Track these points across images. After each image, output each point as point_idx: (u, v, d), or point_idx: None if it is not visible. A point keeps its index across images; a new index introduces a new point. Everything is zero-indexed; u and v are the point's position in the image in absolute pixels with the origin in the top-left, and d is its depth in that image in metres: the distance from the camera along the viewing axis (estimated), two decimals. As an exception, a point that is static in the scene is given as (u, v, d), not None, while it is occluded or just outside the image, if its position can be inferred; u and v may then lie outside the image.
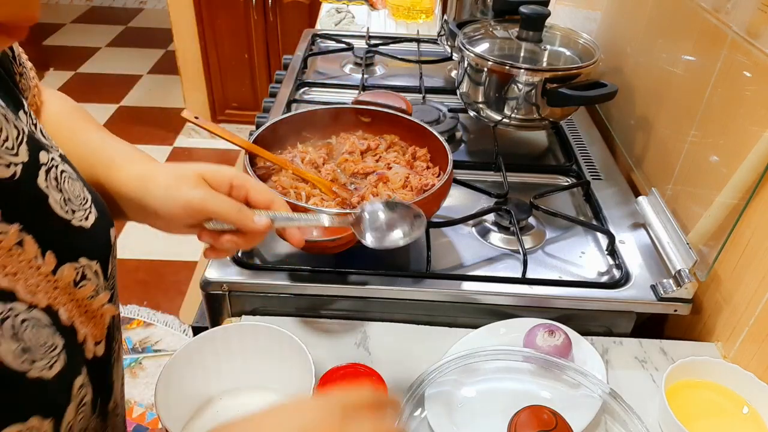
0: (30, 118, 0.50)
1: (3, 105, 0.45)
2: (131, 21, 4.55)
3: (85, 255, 0.48)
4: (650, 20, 1.05)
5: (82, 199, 0.50)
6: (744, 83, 0.75)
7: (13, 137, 0.44)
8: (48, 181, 0.47)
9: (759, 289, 0.70)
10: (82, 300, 0.48)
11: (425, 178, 0.84)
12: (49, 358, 0.42)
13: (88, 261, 0.49)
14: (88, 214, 0.50)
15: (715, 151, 0.80)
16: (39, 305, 0.43)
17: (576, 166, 1.04)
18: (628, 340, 0.79)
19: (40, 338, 0.42)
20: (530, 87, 0.97)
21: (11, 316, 0.40)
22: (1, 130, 0.43)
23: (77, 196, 0.50)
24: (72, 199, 0.49)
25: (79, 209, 0.49)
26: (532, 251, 0.85)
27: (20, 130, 0.46)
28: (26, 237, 0.43)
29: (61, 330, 0.44)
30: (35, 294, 0.43)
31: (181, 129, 3.14)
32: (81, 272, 0.48)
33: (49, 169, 0.47)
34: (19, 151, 0.45)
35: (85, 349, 0.48)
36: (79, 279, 0.48)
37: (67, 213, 0.48)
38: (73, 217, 0.48)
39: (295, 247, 0.62)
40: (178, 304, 2.18)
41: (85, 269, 0.48)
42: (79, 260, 0.48)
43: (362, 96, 0.99)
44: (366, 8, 1.83)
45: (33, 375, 0.40)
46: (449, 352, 0.72)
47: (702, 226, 0.78)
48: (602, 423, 0.66)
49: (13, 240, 0.42)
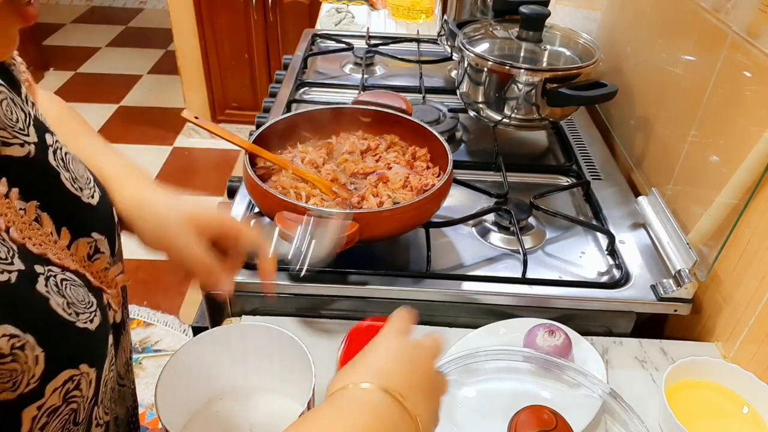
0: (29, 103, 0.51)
1: (10, 89, 0.47)
2: (131, 21, 4.55)
3: (96, 230, 0.51)
4: (650, 20, 1.05)
5: (87, 179, 0.52)
6: (744, 83, 0.75)
7: (22, 119, 0.47)
8: (57, 160, 0.49)
9: (759, 289, 0.70)
10: (98, 272, 0.50)
11: (425, 178, 0.84)
12: (89, 312, 0.46)
13: (99, 236, 0.51)
14: (93, 192, 0.52)
15: (715, 151, 0.80)
16: (70, 268, 0.46)
17: (576, 166, 1.04)
18: (628, 340, 0.79)
19: (78, 295, 0.45)
20: (530, 87, 0.97)
21: (52, 276, 0.43)
22: (12, 112, 0.46)
23: (82, 175, 0.52)
24: (78, 178, 0.51)
25: (85, 187, 0.51)
26: (532, 251, 0.85)
27: (27, 113, 0.48)
28: (42, 214, 0.46)
29: (92, 291, 0.48)
30: (63, 260, 0.46)
31: (181, 129, 3.13)
32: (94, 246, 0.50)
33: (55, 149, 0.49)
34: (29, 132, 0.47)
35: (110, 313, 0.51)
36: (93, 252, 0.50)
37: (77, 190, 0.50)
38: (82, 194, 0.50)
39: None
40: (178, 304, 2.19)
41: (97, 243, 0.51)
42: (91, 235, 0.50)
43: (362, 96, 0.99)
44: (366, 8, 1.83)
45: (80, 325, 0.44)
46: (449, 352, 0.72)
47: (702, 226, 0.78)
48: (602, 423, 0.66)
49: (31, 216, 0.45)
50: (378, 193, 0.81)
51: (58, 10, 4.62)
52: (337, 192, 0.81)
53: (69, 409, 0.43)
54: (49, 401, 0.41)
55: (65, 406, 0.42)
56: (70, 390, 0.43)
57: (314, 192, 0.81)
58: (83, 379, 0.44)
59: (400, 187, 0.83)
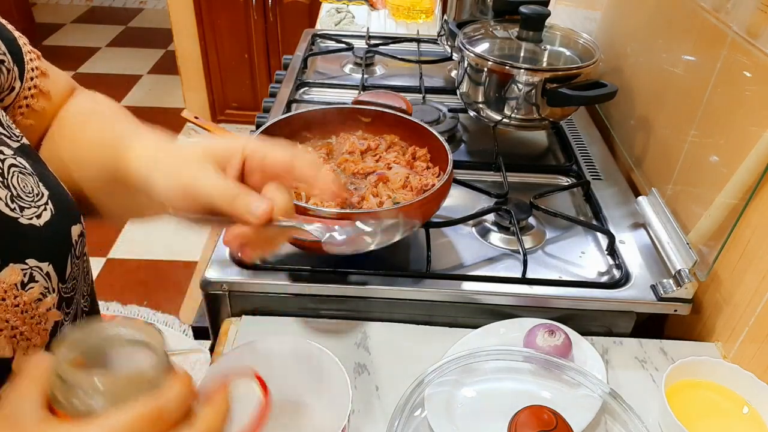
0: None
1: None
2: (131, 21, 4.55)
3: (34, 256, 0.45)
4: (650, 20, 1.05)
5: (35, 195, 0.47)
6: (744, 83, 0.75)
7: None
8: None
9: (759, 289, 0.70)
10: (27, 303, 0.44)
11: (425, 178, 0.84)
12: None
13: (37, 263, 0.45)
14: (41, 212, 0.47)
15: (715, 151, 0.80)
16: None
17: (576, 166, 1.04)
18: (628, 340, 0.79)
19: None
20: (530, 87, 0.97)
21: None
22: None
23: (29, 192, 0.46)
24: (21, 196, 0.46)
25: (29, 206, 0.46)
26: (532, 251, 0.85)
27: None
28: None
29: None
30: None
31: (181, 129, 3.13)
32: (29, 274, 0.45)
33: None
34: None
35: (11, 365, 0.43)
36: (27, 281, 0.44)
37: (14, 211, 0.45)
38: (21, 215, 0.45)
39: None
40: (178, 304, 2.19)
41: (33, 271, 0.45)
42: (26, 261, 0.44)
43: (362, 96, 0.99)
44: (366, 8, 1.83)
45: None
46: (449, 352, 0.72)
47: (702, 226, 0.78)
48: (602, 423, 0.66)
49: None
50: (378, 193, 0.81)
51: (58, 10, 4.62)
52: (337, 192, 0.81)
53: None
54: None
55: None
56: None
57: (314, 192, 0.81)
58: None
59: (400, 187, 0.83)
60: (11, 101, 0.55)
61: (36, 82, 0.58)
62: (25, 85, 0.57)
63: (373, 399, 0.69)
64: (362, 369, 0.72)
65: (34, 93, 0.58)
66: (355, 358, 0.73)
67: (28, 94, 0.57)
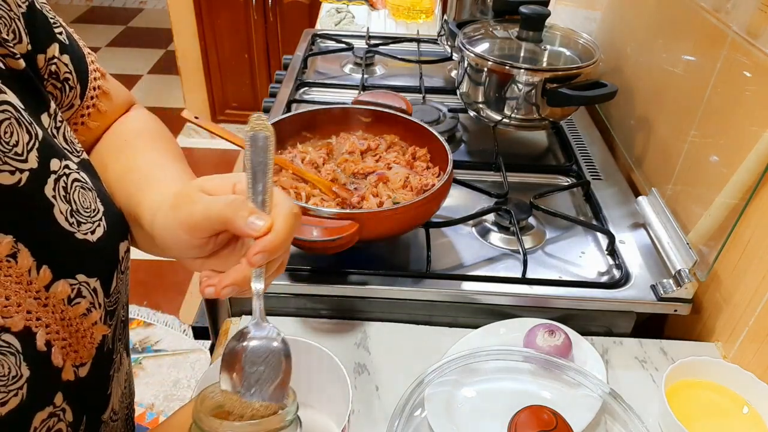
0: (54, 121, 0.49)
1: (20, 108, 0.44)
2: (131, 21, 4.55)
3: (83, 272, 0.46)
4: (650, 20, 1.05)
5: (92, 211, 0.48)
6: (744, 83, 0.75)
7: (24, 142, 0.43)
8: (56, 190, 0.45)
9: (759, 289, 0.70)
10: (73, 318, 0.46)
11: (425, 178, 0.84)
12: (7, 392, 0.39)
13: (86, 278, 0.46)
14: (95, 227, 0.48)
15: (715, 151, 0.80)
16: (12, 328, 0.40)
17: (576, 166, 1.04)
18: (628, 340, 0.79)
19: (2, 369, 0.39)
20: (530, 87, 0.97)
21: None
22: (12, 135, 0.42)
23: (87, 207, 0.48)
24: (80, 211, 0.47)
25: (86, 221, 0.47)
26: (532, 251, 0.85)
27: (33, 134, 0.44)
28: (22, 249, 0.42)
29: (30, 358, 0.41)
30: (11, 315, 0.40)
31: (181, 129, 3.14)
32: (77, 289, 0.46)
33: (59, 177, 0.45)
34: (29, 158, 0.43)
35: (62, 373, 0.45)
36: (74, 296, 0.45)
37: (71, 225, 0.46)
38: (78, 230, 0.46)
39: None
40: (178, 304, 2.19)
41: (81, 286, 0.46)
42: (76, 277, 0.46)
43: (362, 96, 0.99)
44: (366, 8, 1.83)
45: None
46: (449, 352, 0.72)
47: (702, 226, 0.78)
48: (602, 423, 0.66)
49: (4, 251, 0.40)
50: (378, 193, 0.81)
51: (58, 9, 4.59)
52: (337, 192, 0.81)
53: None
54: None
55: None
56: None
57: (314, 192, 0.81)
58: None
59: (400, 187, 0.83)
60: (68, 117, 0.56)
61: (95, 101, 0.58)
62: (84, 104, 0.57)
63: (373, 399, 0.69)
64: (362, 369, 0.72)
65: (91, 112, 0.58)
66: (355, 358, 0.73)
67: (85, 113, 0.57)
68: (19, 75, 0.46)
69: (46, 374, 0.43)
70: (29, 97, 0.46)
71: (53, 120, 0.49)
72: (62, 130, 0.50)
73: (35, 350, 0.41)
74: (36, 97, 0.48)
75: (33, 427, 0.41)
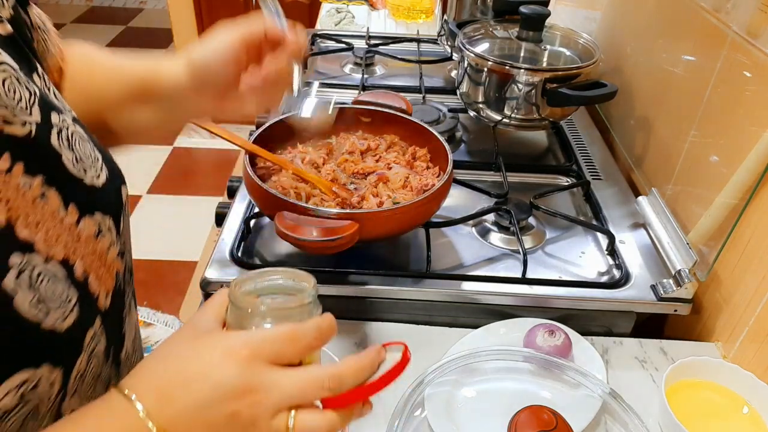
0: (43, 80, 0.52)
1: (16, 68, 0.47)
2: (131, 21, 4.55)
3: (99, 210, 0.51)
4: (650, 20, 1.05)
5: (93, 159, 0.52)
6: (744, 83, 0.75)
7: (26, 98, 0.46)
8: (60, 140, 0.49)
9: (759, 289, 0.70)
10: (102, 252, 0.50)
11: (425, 178, 0.84)
12: (64, 309, 0.44)
13: (102, 216, 0.51)
14: (99, 173, 0.52)
15: (715, 151, 0.80)
16: (56, 257, 0.45)
17: (576, 166, 1.04)
18: (628, 340, 0.79)
19: (56, 290, 0.44)
20: (530, 87, 0.97)
21: (28, 269, 0.42)
22: (15, 92, 0.45)
23: (88, 156, 0.51)
24: (83, 159, 0.50)
25: (90, 168, 0.51)
26: (532, 251, 0.85)
27: (32, 91, 0.48)
28: (49, 190, 0.46)
29: (75, 283, 0.46)
30: (53, 246, 0.45)
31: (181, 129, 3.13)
32: (98, 226, 0.50)
33: (60, 130, 0.49)
34: (32, 111, 0.47)
35: (98, 301, 0.50)
36: (98, 231, 0.50)
37: (79, 172, 0.49)
38: (85, 176, 0.50)
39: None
40: (178, 304, 2.19)
41: (101, 224, 0.51)
42: (95, 214, 0.50)
43: (362, 96, 0.99)
44: (366, 8, 1.83)
45: (47, 326, 0.42)
46: (449, 352, 0.72)
47: (702, 226, 0.78)
48: (602, 423, 0.66)
49: (37, 192, 0.45)
50: (378, 193, 0.81)
51: (58, 10, 4.62)
52: (337, 192, 0.81)
53: (27, 409, 0.42)
54: (2, 402, 0.40)
55: (21, 406, 0.41)
56: (28, 391, 0.41)
57: (314, 192, 0.81)
58: (44, 380, 0.42)
59: (400, 187, 0.83)
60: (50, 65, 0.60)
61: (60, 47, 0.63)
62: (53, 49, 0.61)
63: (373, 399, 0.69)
64: (362, 369, 0.72)
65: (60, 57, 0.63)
66: (355, 358, 0.73)
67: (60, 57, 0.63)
68: (7, 39, 0.50)
69: (88, 300, 0.48)
70: (19, 60, 0.49)
71: (42, 80, 0.52)
72: (51, 90, 0.53)
73: (75, 277, 0.46)
74: (25, 60, 0.51)
75: (86, 343, 0.47)
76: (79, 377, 0.47)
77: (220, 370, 0.40)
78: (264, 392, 0.40)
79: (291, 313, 0.45)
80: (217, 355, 0.41)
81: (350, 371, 0.44)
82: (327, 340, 0.45)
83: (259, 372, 0.41)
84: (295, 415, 0.41)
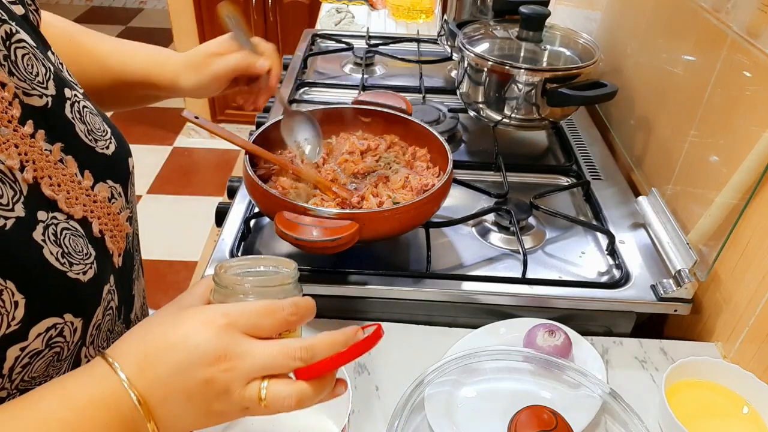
0: (57, 57, 0.56)
1: (33, 45, 0.51)
2: (131, 21, 4.55)
3: (111, 178, 0.56)
4: (650, 20, 1.05)
5: (102, 131, 0.57)
6: (744, 83, 0.75)
7: (42, 73, 0.51)
8: (73, 113, 0.53)
9: (759, 289, 0.70)
10: (114, 215, 0.55)
11: (425, 178, 0.84)
12: (84, 264, 0.48)
13: (113, 183, 0.56)
14: (108, 144, 0.57)
15: (715, 151, 0.80)
16: (75, 216, 0.49)
17: (576, 166, 1.04)
18: (628, 340, 0.79)
19: (77, 246, 0.48)
20: (530, 87, 0.97)
21: (53, 224, 0.46)
22: (33, 67, 0.50)
23: (98, 128, 0.56)
24: (94, 130, 0.55)
25: (100, 139, 0.56)
26: (532, 251, 0.85)
27: (48, 67, 0.52)
28: (66, 156, 0.50)
29: (93, 241, 0.51)
30: (73, 206, 0.49)
31: (181, 129, 3.13)
32: (110, 191, 0.55)
33: (72, 103, 0.54)
34: (48, 86, 0.51)
35: (112, 259, 0.54)
36: (110, 196, 0.55)
37: (91, 141, 0.54)
38: (96, 146, 0.55)
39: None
40: (178, 304, 2.18)
41: (112, 190, 0.55)
42: (107, 181, 0.55)
43: (362, 96, 0.99)
44: (366, 8, 1.83)
45: (71, 276, 0.47)
46: (449, 352, 0.72)
47: (702, 226, 0.78)
48: (602, 423, 0.66)
49: (57, 156, 0.49)
50: (378, 193, 0.81)
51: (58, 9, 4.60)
52: (337, 192, 0.81)
53: (52, 353, 0.46)
54: (32, 345, 0.44)
55: (48, 350, 0.45)
56: (54, 336, 0.45)
57: (314, 192, 0.81)
58: (67, 327, 0.46)
59: (400, 187, 0.83)
60: None
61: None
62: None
63: (373, 399, 0.69)
64: (362, 369, 0.72)
65: None
66: (355, 358, 0.73)
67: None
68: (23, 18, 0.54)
69: (104, 257, 0.52)
70: (35, 38, 0.53)
71: (56, 57, 0.56)
72: (64, 66, 0.57)
73: (93, 236, 0.51)
74: (41, 39, 0.55)
75: (103, 296, 0.51)
76: (96, 327, 0.51)
77: (197, 336, 0.42)
78: (238, 359, 0.42)
79: (272, 291, 0.48)
80: (197, 323, 0.43)
81: (323, 344, 0.45)
82: (304, 319, 0.46)
83: (234, 340, 0.42)
84: (267, 385, 0.42)
